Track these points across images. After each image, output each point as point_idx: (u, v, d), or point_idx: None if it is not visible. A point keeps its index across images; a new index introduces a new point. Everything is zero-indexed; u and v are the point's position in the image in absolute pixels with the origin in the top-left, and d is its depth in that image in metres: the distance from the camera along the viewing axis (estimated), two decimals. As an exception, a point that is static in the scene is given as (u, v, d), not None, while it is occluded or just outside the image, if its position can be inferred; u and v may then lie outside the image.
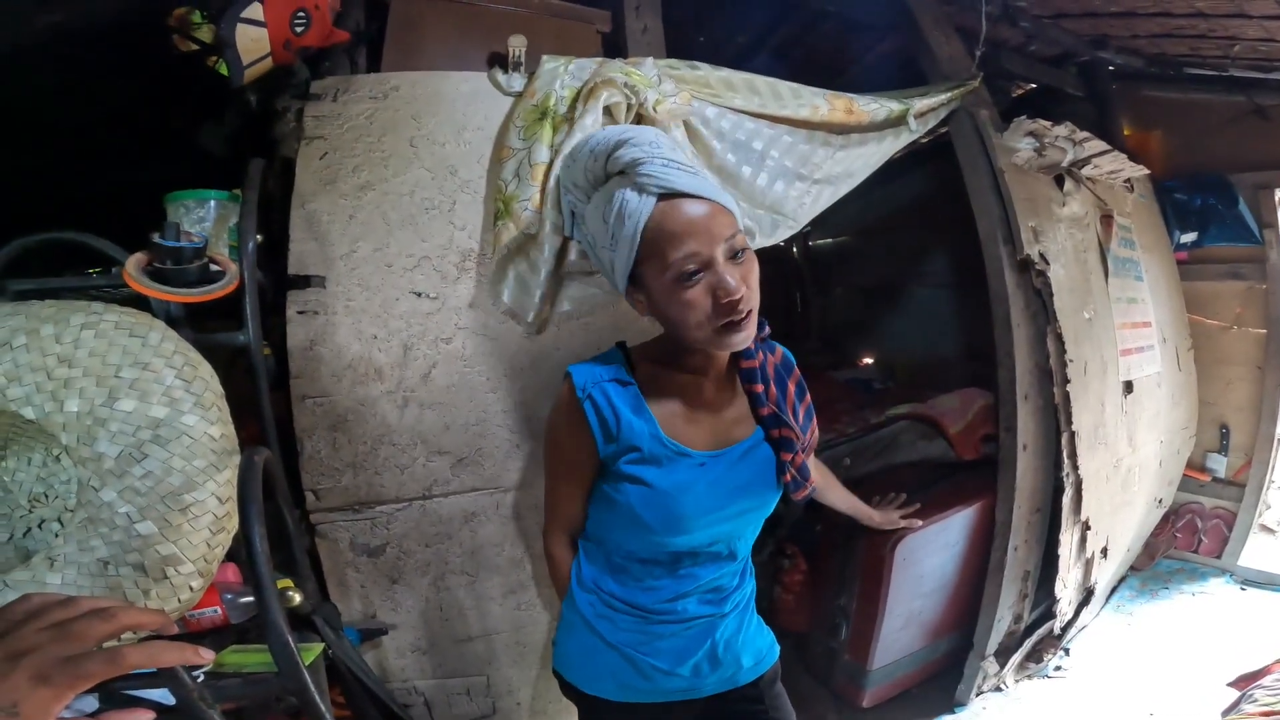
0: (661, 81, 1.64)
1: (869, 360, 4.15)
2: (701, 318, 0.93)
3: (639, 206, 0.94)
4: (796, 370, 1.18)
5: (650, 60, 1.68)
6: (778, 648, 1.25)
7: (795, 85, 1.83)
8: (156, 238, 1.11)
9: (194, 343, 1.06)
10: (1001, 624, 2.38)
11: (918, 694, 2.51)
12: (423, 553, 1.55)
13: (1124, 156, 2.65)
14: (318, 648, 1.19)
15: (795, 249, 4.73)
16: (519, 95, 1.60)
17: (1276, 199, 3.02)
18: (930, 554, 2.33)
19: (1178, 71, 3.09)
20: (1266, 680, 1.69)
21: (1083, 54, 3.04)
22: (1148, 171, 2.98)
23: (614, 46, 1.89)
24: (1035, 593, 2.47)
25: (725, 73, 1.74)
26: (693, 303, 0.93)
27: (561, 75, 1.59)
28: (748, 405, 1.10)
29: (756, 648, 1.19)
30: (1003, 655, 2.43)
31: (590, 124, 1.51)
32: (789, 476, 1.08)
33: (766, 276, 1.04)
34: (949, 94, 2.20)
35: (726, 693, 1.17)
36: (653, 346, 1.11)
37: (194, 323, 1.18)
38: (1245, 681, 1.74)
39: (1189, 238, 3.12)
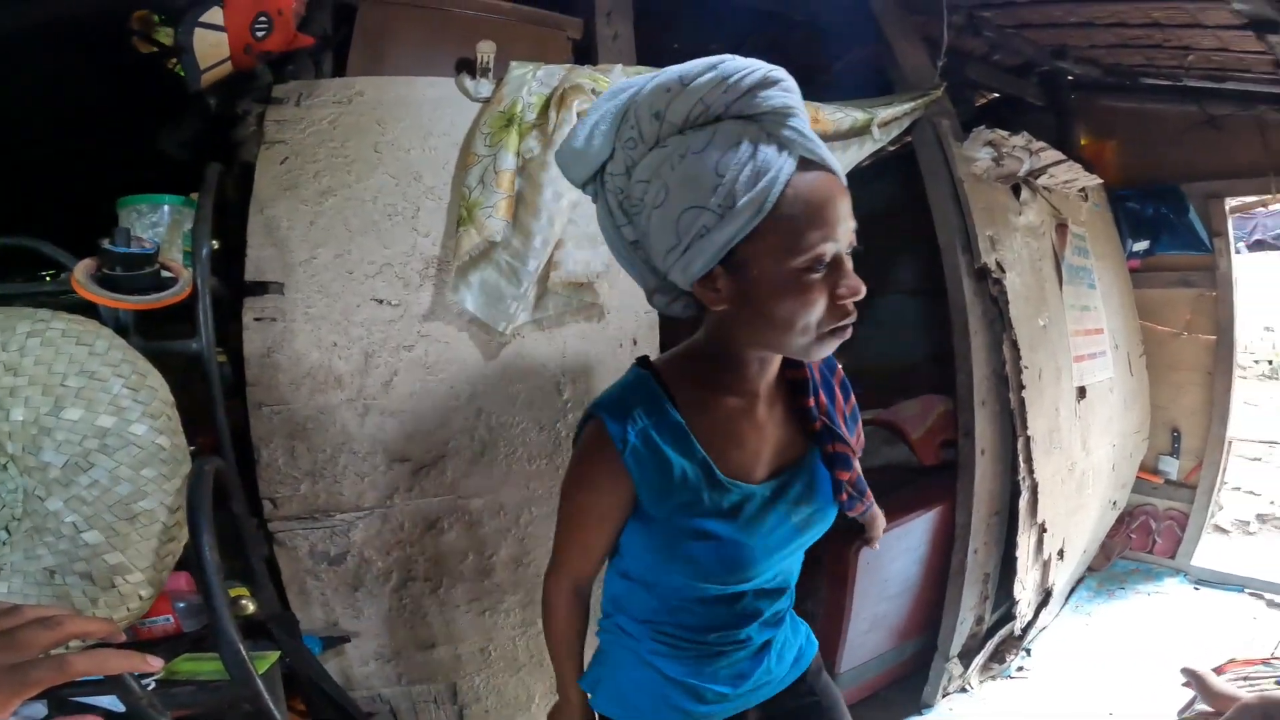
0: (629, 89, 1.66)
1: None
2: (815, 318, 0.76)
3: (780, 166, 0.73)
4: (839, 368, 1.03)
5: (619, 67, 1.69)
6: (814, 637, 1.18)
7: None
8: (106, 243, 1.09)
9: (145, 350, 1.05)
10: (964, 626, 2.43)
11: (886, 696, 2.53)
12: (384, 561, 1.54)
13: (1079, 166, 2.72)
14: (273, 656, 1.17)
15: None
16: (486, 101, 1.61)
17: (1226, 208, 3.12)
18: (894, 558, 2.37)
19: (1133, 81, 3.16)
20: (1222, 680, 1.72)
21: (1043, 64, 3.09)
22: (1101, 181, 3.06)
23: (585, 53, 1.90)
24: (995, 594, 2.52)
25: None
26: (812, 299, 0.75)
27: (529, 82, 1.60)
28: (796, 420, 0.95)
29: (798, 645, 1.12)
30: (966, 657, 2.47)
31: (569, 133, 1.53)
32: (845, 495, 0.96)
33: None
34: (912, 104, 2.24)
35: (776, 696, 1.09)
36: (687, 363, 0.91)
37: (150, 330, 1.17)
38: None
39: (1141, 246, 3.21)
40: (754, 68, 0.75)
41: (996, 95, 3.37)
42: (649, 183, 0.78)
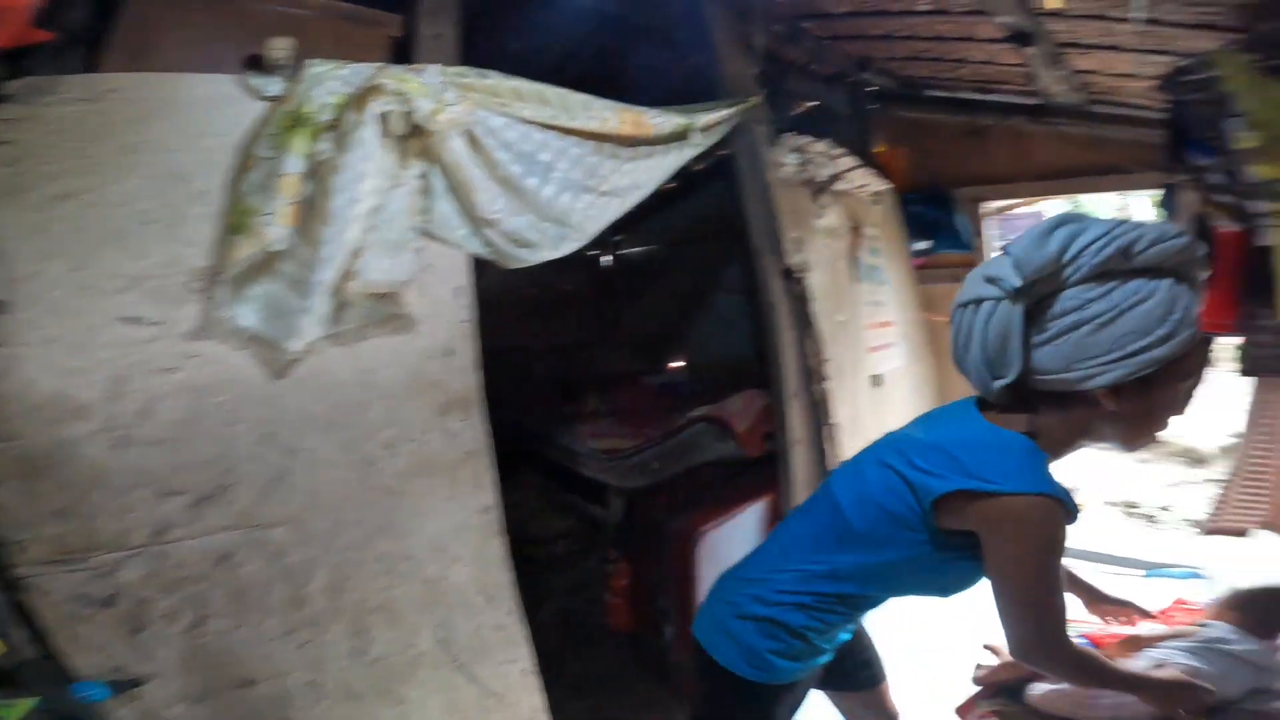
0: (445, 90, 1.61)
1: (679, 365, 4.36)
2: (1169, 425, 1.03)
3: (1197, 313, 0.98)
4: None
5: (436, 67, 1.64)
6: None
7: (586, 97, 1.86)
8: None
9: None
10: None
11: None
12: (168, 600, 1.40)
13: (870, 172, 3.00)
14: (24, 704, 1.10)
15: (607, 258, 4.86)
16: (274, 100, 1.50)
17: (985, 211, 3.59)
18: (733, 548, 2.44)
19: (920, 93, 3.53)
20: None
21: (852, 75, 3.37)
22: (889, 186, 3.39)
23: (406, 52, 1.81)
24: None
25: (516, 82, 1.74)
26: (1178, 410, 1.03)
27: (327, 81, 1.51)
28: None
29: None
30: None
31: (369, 137, 1.46)
32: None
33: (580, 284, 1.00)
34: (731, 110, 2.33)
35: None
36: (1042, 442, 1.06)
37: None
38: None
39: (923, 245, 3.62)
40: (1191, 240, 0.99)
41: (814, 104, 3.64)
42: (1095, 301, 0.96)
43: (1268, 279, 1.56)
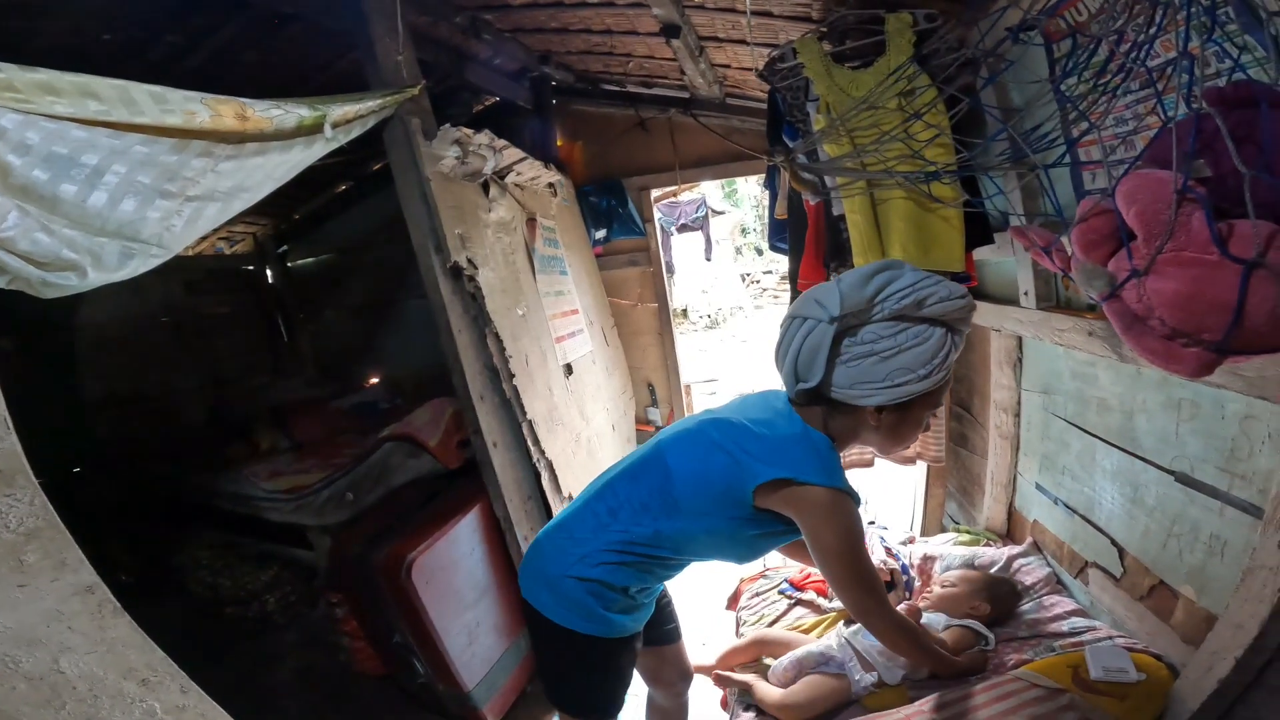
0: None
1: (375, 381, 3.97)
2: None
3: (953, 360, 1.20)
4: None
5: None
6: None
7: (160, 89, 1.48)
8: None
9: None
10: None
11: (533, 690, 2.53)
12: None
13: (540, 164, 2.97)
14: None
15: (272, 273, 4.22)
16: None
17: (651, 198, 3.87)
18: (453, 566, 2.30)
19: (595, 87, 3.61)
20: (743, 599, 1.98)
21: (534, 69, 3.32)
22: (560, 177, 3.44)
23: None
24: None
25: (43, 75, 1.31)
26: (922, 428, 1.26)
27: None
28: None
29: None
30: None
31: None
32: None
33: (239, 306, 0.68)
34: (377, 101, 2.07)
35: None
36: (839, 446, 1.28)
37: None
38: (732, 603, 2.02)
39: (601, 234, 3.80)
40: (969, 302, 1.19)
41: (497, 99, 3.51)
42: (885, 339, 1.17)
43: (846, 243, 1.82)
